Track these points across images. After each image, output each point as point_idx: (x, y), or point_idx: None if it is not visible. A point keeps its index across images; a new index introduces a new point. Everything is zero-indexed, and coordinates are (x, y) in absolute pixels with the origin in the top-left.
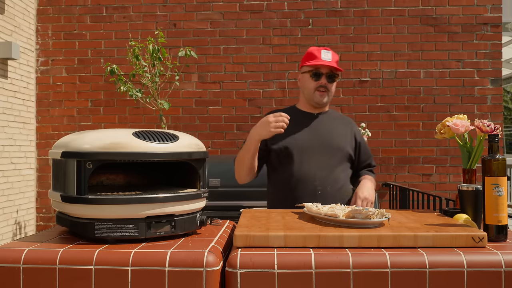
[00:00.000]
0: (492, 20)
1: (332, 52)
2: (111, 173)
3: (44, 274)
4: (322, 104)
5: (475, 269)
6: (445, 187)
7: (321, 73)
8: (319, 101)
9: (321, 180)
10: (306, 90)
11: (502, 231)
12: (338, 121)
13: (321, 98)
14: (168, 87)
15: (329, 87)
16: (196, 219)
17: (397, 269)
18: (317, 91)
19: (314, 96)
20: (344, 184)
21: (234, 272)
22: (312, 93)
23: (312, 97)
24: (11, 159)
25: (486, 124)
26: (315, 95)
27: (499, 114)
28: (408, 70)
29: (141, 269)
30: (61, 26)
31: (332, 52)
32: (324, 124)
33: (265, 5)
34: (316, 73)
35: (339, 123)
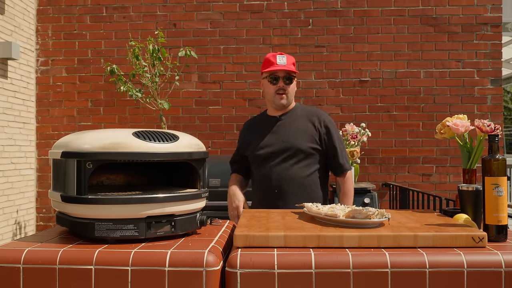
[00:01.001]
0: (492, 20)
1: (287, 56)
2: (111, 173)
3: (44, 274)
4: (283, 106)
5: (475, 269)
6: (445, 187)
7: (277, 77)
8: (279, 103)
9: (277, 180)
10: (267, 95)
11: (502, 231)
12: (301, 117)
13: (281, 101)
14: (168, 87)
15: (287, 89)
16: (196, 219)
17: (397, 269)
18: (276, 94)
19: (275, 99)
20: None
21: (234, 272)
22: (273, 97)
23: (273, 100)
24: (11, 159)
25: (486, 124)
26: (275, 98)
27: (499, 114)
28: (408, 70)
29: (141, 269)
30: (61, 26)
31: (287, 56)
32: (284, 126)
33: (265, 5)
34: (273, 78)
35: (301, 119)
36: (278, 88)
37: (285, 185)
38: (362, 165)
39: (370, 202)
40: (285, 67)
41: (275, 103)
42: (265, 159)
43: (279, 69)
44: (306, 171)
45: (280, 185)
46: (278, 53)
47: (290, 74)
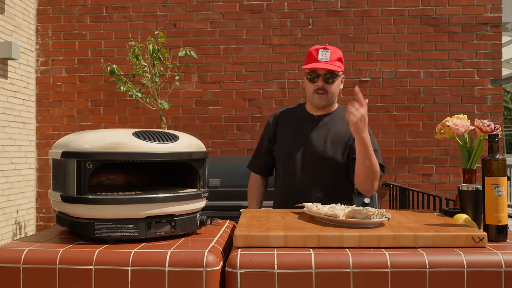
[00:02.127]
0: (492, 20)
1: (332, 50)
2: (111, 173)
3: (44, 274)
4: (321, 106)
5: (475, 269)
6: (445, 187)
7: (317, 74)
8: (318, 103)
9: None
10: (307, 93)
11: (502, 231)
12: (340, 122)
13: (320, 101)
14: (168, 87)
15: (328, 88)
16: (196, 219)
17: (397, 269)
18: (315, 93)
19: (313, 98)
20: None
21: (234, 272)
22: (311, 96)
23: (312, 99)
24: (11, 159)
25: (486, 124)
26: (314, 97)
27: (499, 114)
28: (408, 70)
29: (141, 269)
30: (61, 26)
31: (332, 50)
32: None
33: (265, 5)
34: (312, 76)
35: (340, 124)
36: (317, 88)
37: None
38: None
39: (370, 202)
40: (327, 64)
41: (313, 103)
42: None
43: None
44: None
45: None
46: (322, 46)
47: (333, 72)
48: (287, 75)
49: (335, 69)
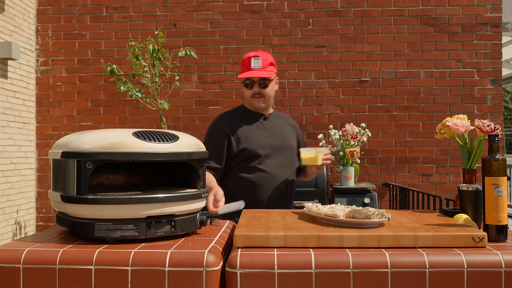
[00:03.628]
0: (492, 20)
1: (263, 57)
2: (111, 173)
3: (44, 274)
4: (260, 109)
5: (475, 269)
6: (445, 187)
7: (253, 81)
8: (257, 106)
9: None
10: (245, 98)
11: (502, 231)
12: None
13: (258, 104)
14: (168, 87)
15: (263, 92)
16: (196, 219)
17: (397, 269)
18: (253, 98)
19: (252, 102)
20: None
21: (234, 272)
22: (249, 100)
23: (251, 103)
24: (11, 159)
25: (486, 124)
26: (252, 101)
27: (499, 114)
28: (408, 70)
29: (141, 269)
30: (61, 26)
31: (263, 57)
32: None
33: (265, 5)
34: (247, 83)
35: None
36: (254, 93)
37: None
38: (362, 165)
39: (370, 202)
40: (259, 72)
41: (252, 106)
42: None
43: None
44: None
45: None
46: (254, 54)
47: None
48: (287, 75)
49: (266, 75)
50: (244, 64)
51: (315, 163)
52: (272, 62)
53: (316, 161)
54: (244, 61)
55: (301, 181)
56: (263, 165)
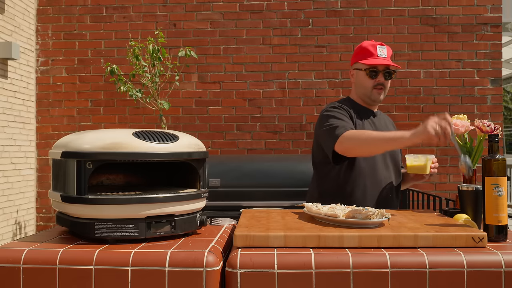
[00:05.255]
0: (492, 20)
1: (387, 47)
2: (111, 173)
3: (44, 274)
4: (378, 102)
5: (475, 269)
6: (445, 187)
7: (378, 70)
8: (376, 98)
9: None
10: (362, 88)
11: (502, 231)
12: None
13: (378, 96)
14: (168, 87)
15: (386, 84)
16: (196, 219)
17: (397, 269)
18: (374, 89)
19: (372, 94)
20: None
21: (234, 272)
22: (369, 91)
23: (369, 95)
24: (11, 159)
25: (486, 124)
26: (372, 93)
27: (499, 114)
28: (408, 70)
29: (141, 269)
30: (61, 26)
31: (387, 47)
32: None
33: (265, 5)
34: (373, 71)
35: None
36: (377, 83)
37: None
38: None
39: None
40: (386, 60)
41: (371, 98)
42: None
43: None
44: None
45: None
46: (379, 42)
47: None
48: (287, 75)
49: (396, 66)
50: (365, 51)
51: (423, 172)
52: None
53: (425, 170)
54: (366, 48)
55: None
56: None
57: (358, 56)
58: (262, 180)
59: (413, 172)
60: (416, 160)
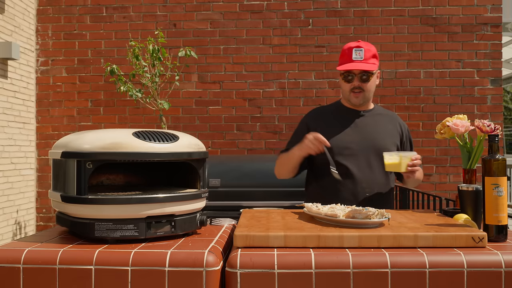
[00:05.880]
0: (492, 20)
1: (365, 48)
2: (111, 173)
3: (44, 274)
4: (358, 105)
5: (475, 269)
6: (445, 187)
7: (353, 74)
8: (355, 102)
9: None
10: (342, 92)
11: (502, 231)
12: (385, 118)
13: (357, 100)
14: (168, 87)
15: (364, 87)
16: (196, 219)
17: (397, 269)
18: (352, 92)
19: (350, 97)
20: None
21: (234, 272)
22: (347, 95)
23: (348, 98)
24: (11, 159)
25: (486, 124)
26: (350, 96)
27: (499, 114)
28: (408, 70)
29: (141, 269)
30: (61, 26)
31: (365, 48)
32: (370, 123)
33: (265, 5)
34: (347, 76)
35: (385, 121)
36: (353, 87)
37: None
38: None
39: None
40: (361, 64)
41: (350, 101)
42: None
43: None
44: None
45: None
46: (356, 45)
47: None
48: (287, 75)
49: (370, 68)
50: (344, 55)
51: (398, 170)
52: (375, 54)
53: (399, 168)
54: (344, 52)
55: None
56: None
57: (339, 61)
58: (262, 180)
59: (390, 170)
60: (390, 158)
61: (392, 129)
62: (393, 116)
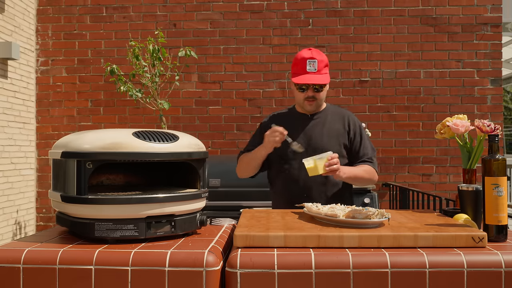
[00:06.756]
0: (492, 20)
1: (318, 58)
2: (111, 173)
3: (44, 274)
4: (313, 111)
5: (475, 269)
6: (445, 187)
7: (307, 85)
8: (309, 109)
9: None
10: (296, 99)
11: (502, 231)
12: (333, 118)
13: (311, 108)
14: (168, 87)
15: (317, 96)
16: (196, 219)
17: (397, 269)
18: (306, 101)
19: (304, 105)
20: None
21: (234, 272)
22: (301, 103)
23: (302, 105)
24: (11, 159)
25: (486, 124)
26: (304, 104)
27: (499, 114)
28: (408, 70)
29: (141, 269)
30: (61, 26)
31: (318, 58)
32: (316, 126)
33: (265, 5)
34: (302, 87)
35: (333, 121)
36: (307, 96)
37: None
38: None
39: (370, 202)
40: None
41: (304, 109)
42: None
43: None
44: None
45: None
46: (309, 55)
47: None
48: (287, 75)
49: (323, 82)
50: (297, 65)
51: (317, 173)
52: (327, 64)
53: (317, 170)
54: (298, 62)
55: None
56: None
57: (292, 70)
58: (262, 180)
59: (312, 175)
60: (307, 163)
61: (339, 128)
62: (342, 114)
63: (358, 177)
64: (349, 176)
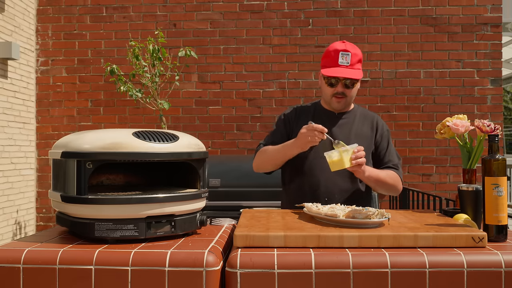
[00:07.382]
0: (492, 20)
1: (352, 52)
2: (111, 173)
3: (44, 274)
4: (339, 109)
5: (475, 269)
6: (445, 187)
7: (337, 79)
8: (336, 107)
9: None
10: (324, 95)
11: (502, 231)
12: (361, 120)
13: (338, 105)
14: (168, 87)
15: (348, 93)
16: (196, 219)
17: (397, 269)
18: (334, 97)
19: (331, 102)
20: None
21: (234, 272)
22: (329, 99)
23: (329, 102)
24: (11, 159)
25: (486, 124)
26: (332, 101)
27: (499, 114)
28: (408, 70)
29: (141, 269)
30: (61, 26)
31: (352, 52)
32: (343, 127)
33: (265, 5)
34: (331, 81)
35: (361, 123)
36: (336, 92)
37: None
38: None
39: None
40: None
41: (331, 106)
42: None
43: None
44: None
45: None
46: (342, 48)
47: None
48: (287, 75)
49: (356, 76)
50: (329, 57)
51: (342, 167)
52: (360, 59)
53: (343, 164)
54: (330, 54)
55: None
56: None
57: (322, 62)
58: (262, 180)
59: (335, 169)
60: (331, 156)
61: (367, 132)
62: (371, 117)
63: (381, 180)
64: (370, 175)
